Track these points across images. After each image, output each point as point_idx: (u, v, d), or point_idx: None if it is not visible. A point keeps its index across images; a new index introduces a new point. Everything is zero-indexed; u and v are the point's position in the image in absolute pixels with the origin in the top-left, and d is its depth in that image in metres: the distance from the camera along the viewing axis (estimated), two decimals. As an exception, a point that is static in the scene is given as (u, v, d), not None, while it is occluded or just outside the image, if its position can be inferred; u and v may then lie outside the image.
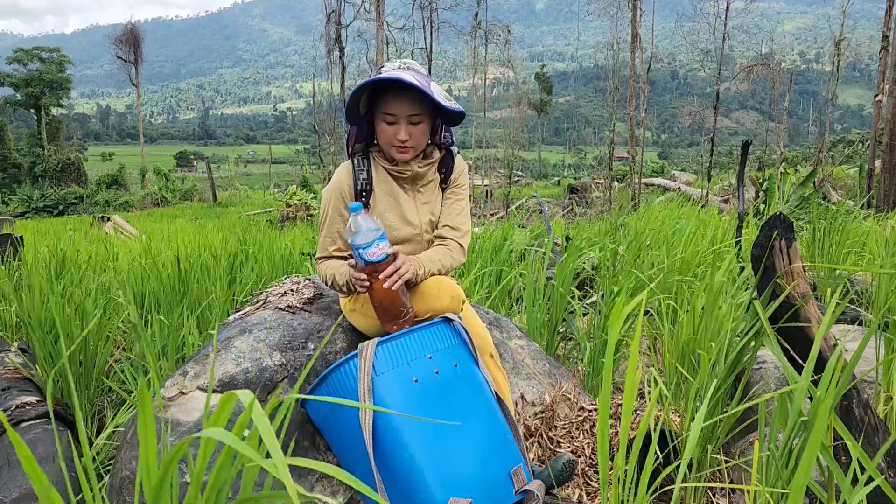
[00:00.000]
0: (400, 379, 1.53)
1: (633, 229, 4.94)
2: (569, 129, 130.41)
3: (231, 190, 35.21)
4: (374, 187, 1.90)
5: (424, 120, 1.82)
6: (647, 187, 20.85)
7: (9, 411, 2.07)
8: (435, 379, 1.57)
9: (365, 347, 1.54)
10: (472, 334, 1.83)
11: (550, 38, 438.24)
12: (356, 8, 18.62)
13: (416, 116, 1.79)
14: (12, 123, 44.67)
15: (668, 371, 2.22)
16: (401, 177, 1.91)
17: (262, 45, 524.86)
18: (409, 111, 1.78)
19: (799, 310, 1.62)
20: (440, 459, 1.47)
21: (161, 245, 6.00)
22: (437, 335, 1.66)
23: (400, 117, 1.79)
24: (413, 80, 1.70)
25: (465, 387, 1.62)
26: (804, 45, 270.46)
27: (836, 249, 4.28)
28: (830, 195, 12.88)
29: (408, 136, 1.80)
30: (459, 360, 1.65)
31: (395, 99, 1.77)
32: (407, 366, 1.56)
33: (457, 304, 1.75)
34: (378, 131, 1.85)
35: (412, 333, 1.63)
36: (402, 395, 1.51)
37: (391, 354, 1.56)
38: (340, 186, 1.89)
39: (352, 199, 1.88)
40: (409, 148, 1.83)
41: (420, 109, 1.79)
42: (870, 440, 1.51)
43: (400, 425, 1.46)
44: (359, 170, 1.89)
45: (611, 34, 22.15)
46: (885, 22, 12.89)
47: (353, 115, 1.85)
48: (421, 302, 1.73)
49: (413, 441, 1.45)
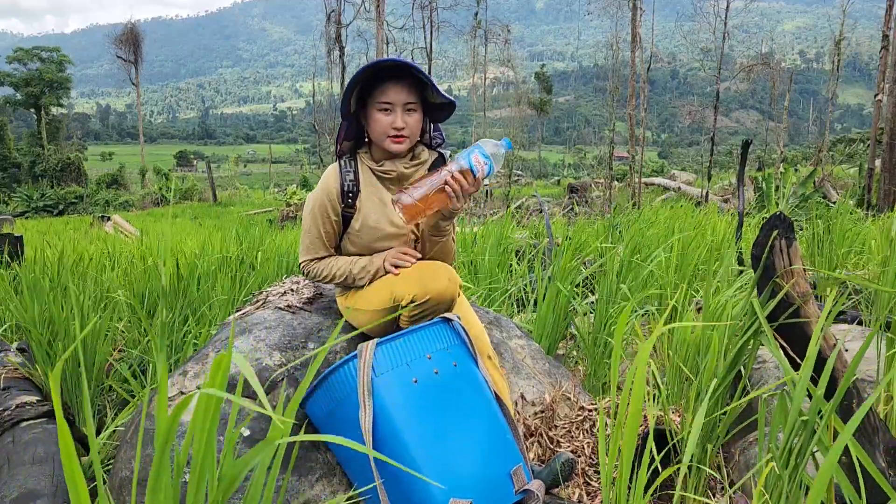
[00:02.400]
0: (399, 380, 1.53)
1: (631, 229, 4.93)
2: (569, 129, 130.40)
3: (231, 189, 35.23)
4: (361, 188, 1.91)
5: (418, 110, 1.86)
6: (647, 187, 20.86)
7: (8, 411, 2.07)
8: (434, 379, 1.57)
9: (364, 348, 1.54)
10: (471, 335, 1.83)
11: (550, 37, 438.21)
12: (356, 7, 18.63)
13: (411, 104, 1.83)
14: (12, 123, 44.64)
15: (669, 370, 2.23)
16: (386, 178, 1.92)
17: (262, 44, 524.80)
18: (405, 99, 1.81)
19: (799, 309, 1.62)
20: (440, 460, 1.47)
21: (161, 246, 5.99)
22: (437, 335, 1.66)
23: (396, 105, 1.81)
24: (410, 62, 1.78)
25: (464, 387, 1.62)
26: (804, 44, 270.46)
27: (836, 249, 4.28)
28: (830, 194, 12.89)
29: (404, 123, 1.82)
30: (459, 360, 1.65)
31: (392, 87, 1.80)
32: (406, 366, 1.56)
33: (454, 287, 1.76)
34: (371, 124, 1.86)
35: (411, 334, 1.63)
36: (401, 395, 1.51)
37: (390, 355, 1.56)
38: (328, 188, 1.90)
39: (339, 200, 1.90)
40: (405, 137, 1.85)
41: (415, 98, 1.83)
42: (870, 440, 1.51)
43: (400, 426, 1.46)
44: (346, 171, 1.91)
45: (611, 34, 22.16)
46: (885, 21, 12.88)
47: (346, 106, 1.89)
48: (420, 284, 1.73)
49: (413, 441, 1.45)
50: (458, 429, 1.53)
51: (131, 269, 3.94)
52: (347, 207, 1.90)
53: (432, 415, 1.51)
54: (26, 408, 2.09)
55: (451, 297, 1.75)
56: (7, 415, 2.05)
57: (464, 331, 1.72)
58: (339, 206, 1.90)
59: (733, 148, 34.05)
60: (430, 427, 1.49)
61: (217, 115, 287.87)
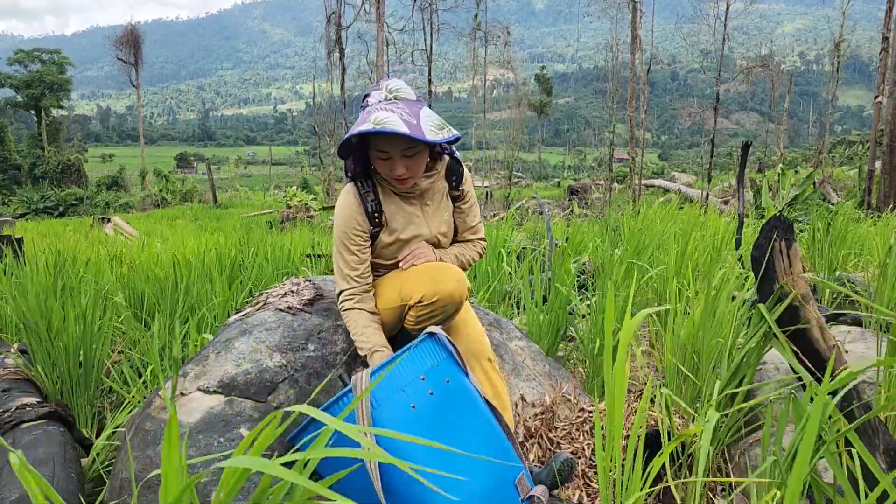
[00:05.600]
0: (398, 408, 1.50)
1: (630, 230, 4.93)
2: (569, 131, 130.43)
3: (231, 191, 35.20)
4: (384, 207, 1.88)
5: (420, 151, 1.78)
6: (647, 188, 20.87)
7: (9, 412, 2.06)
8: (431, 401, 1.55)
9: (359, 380, 1.49)
10: (470, 338, 1.82)
11: (550, 39, 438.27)
12: (356, 9, 18.64)
13: (410, 150, 1.76)
14: (13, 125, 44.66)
15: (668, 371, 2.23)
16: (408, 195, 1.90)
17: (263, 46, 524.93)
18: (401, 147, 1.74)
19: (798, 311, 1.62)
20: (449, 481, 1.44)
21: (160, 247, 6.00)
22: (426, 353, 1.63)
23: (392, 154, 1.76)
24: (400, 124, 1.65)
25: (458, 403, 1.60)
26: (804, 46, 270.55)
27: (836, 251, 4.28)
28: (830, 196, 12.88)
29: (404, 169, 1.77)
30: (450, 375, 1.63)
31: (384, 139, 1.74)
32: (402, 392, 1.52)
33: (463, 289, 1.73)
34: (374, 163, 1.83)
35: (403, 357, 1.59)
36: (403, 424, 1.48)
37: (386, 383, 1.52)
38: (352, 214, 1.85)
39: (365, 222, 1.86)
40: (408, 178, 1.81)
41: (412, 143, 1.75)
42: (870, 441, 1.51)
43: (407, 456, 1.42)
44: (364, 192, 1.87)
45: (611, 35, 22.17)
46: (884, 23, 12.89)
47: (344, 150, 1.82)
48: (429, 285, 1.72)
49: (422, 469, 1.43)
50: (458, 446, 1.51)
51: (130, 272, 3.94)
52: (375, 227, 1.88)
53: (433, 437, 1.48)
54: (27, 409, 2.09)
55: (459, 299, 1.73)
56: (7, 416, 2.04)
57: (449, 342, 1.67)
58: (367, 227, 1.86)
59: (733, 150, 34.06)
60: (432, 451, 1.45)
61: (217, 116, 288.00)
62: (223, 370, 1.85)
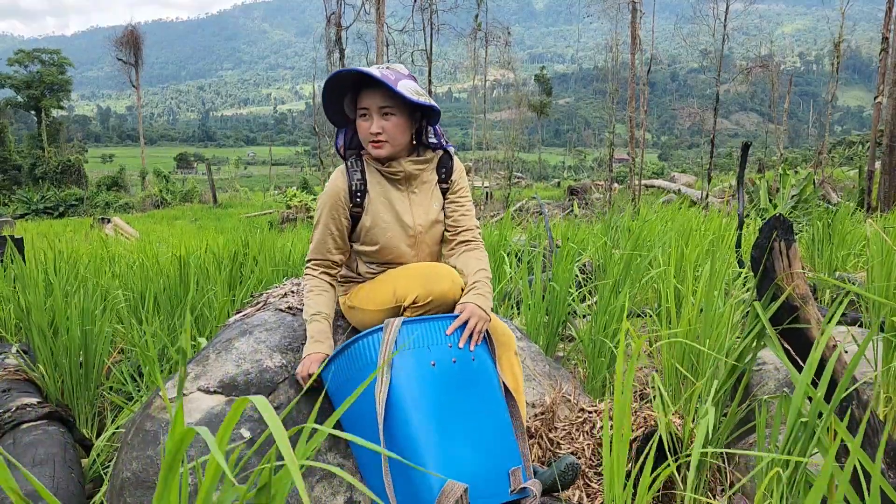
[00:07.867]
0: (418, 360, 1.58)
1: (629, 231, 4.93)
2: (569, 131, 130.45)
3: (231, 192, 35.22)
4: (368, 188, 1.91)
5: (397, 114, 1.82)
6: (647, 189, 20.88)
7: (9, 413, 2.07)
8: (451, 367, 1.62)
9: (390, 323, 1.59)
10: (498, 331, 1.85)
11: (550, 39, 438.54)
12: (356, 10, 18.64)
13: (386, 108, 1.81)
14: (13, 125, 44.63)
15: (667, 371, 2.23)
16: (394, 178, 1.91)
17: (263, 46, 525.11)
18: (379, 103, 1.80)
19: (798, 311, 1.62)
20: (443, 442, 1.51)
21: (160, 247, 6.00)
22: (462, 327, 1.69)
23: (371, 110, 1.81)
24: (376, 72, 1.74)
25: (478, 381, 1.65)
26: (804, 46, 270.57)
27: (836, 251, 4.28)
28: (830, 196, 12.89)
29: (379, 128, 1.81)
30: (477, 355, 1.68)
31: (367, 92, 1.81)
32: (427, 349, 1.61)
33: (457, 289, 1.76)
34: (358, 131, 1.88)
35: (437, 321, 1.67)
36: (417, 374, 1.56)
37: (414, 335, 1.61)
38: (337, 188, 1.90)
39: (348, 200, 1.89)
40: (383, 142, 1.84)
41: (391, 102, 1.81)
42: (869, 441, 1.51)
43: (410, 403, 1.51)
44: (352, 171, 1.91)
45: (610, 36, 22.18)
46: (884, 23, 12.90)
47: (338, 118, 1.89)
48: (424, 286, 1.73)
49: (417, 421, 1.50)
50: (464, 419, 1.57)
51: (130, 272, 3.94)
52: (356, 207, 1.90)
53: (442, 400, 1.55)
54: (27, 409, 2.09)
55: (453, 299, 1.76)
56: (7, 417, 2.05)
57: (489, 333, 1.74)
58: (348, 204, 1.89)
59: (733, 150, 34.09)
60: (438, 411, 1.54)
61: (217, 117, 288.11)
62: (223, 370, 1.85)
